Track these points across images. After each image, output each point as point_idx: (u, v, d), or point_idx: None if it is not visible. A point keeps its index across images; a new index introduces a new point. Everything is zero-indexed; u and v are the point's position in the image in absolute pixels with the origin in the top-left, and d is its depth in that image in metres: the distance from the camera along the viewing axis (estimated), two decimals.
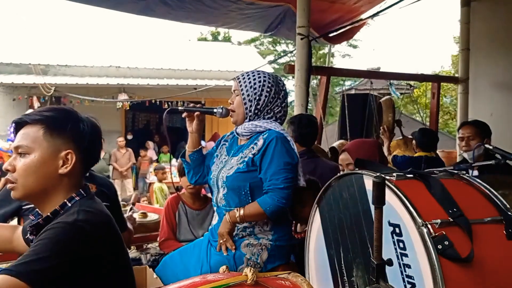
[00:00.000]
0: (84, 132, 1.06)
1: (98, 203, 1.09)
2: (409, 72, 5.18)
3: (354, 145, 2.03)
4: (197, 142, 1.69)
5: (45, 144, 1.02)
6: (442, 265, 1.02)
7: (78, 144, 1.05)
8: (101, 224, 1.02)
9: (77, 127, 1.06)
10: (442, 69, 17.19)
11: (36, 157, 1.01)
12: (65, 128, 1.04)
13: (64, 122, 1.04)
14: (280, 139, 1.50)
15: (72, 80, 8.84)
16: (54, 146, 1.02)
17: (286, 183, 1.46)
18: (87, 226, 0.96)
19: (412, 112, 12.21)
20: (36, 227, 1.02)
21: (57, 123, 1.03)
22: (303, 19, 3.19)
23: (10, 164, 1.02)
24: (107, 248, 1.01)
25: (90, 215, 0.99)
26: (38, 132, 1.02)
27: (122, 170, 8.18)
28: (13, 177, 1.02)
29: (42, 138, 1.02)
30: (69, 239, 0.93)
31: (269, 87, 1.57)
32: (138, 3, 3.85)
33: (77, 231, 0.94)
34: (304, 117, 2.46)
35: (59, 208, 1.03)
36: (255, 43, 18.73)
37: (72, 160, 1.04)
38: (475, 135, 2.47)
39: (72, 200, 1.04)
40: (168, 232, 2.24)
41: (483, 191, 1.23)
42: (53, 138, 1.03)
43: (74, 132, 1.05)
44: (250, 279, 0.98)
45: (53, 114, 1.04)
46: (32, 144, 1.01)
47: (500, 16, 4.54)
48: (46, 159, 1.01)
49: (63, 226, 0.94)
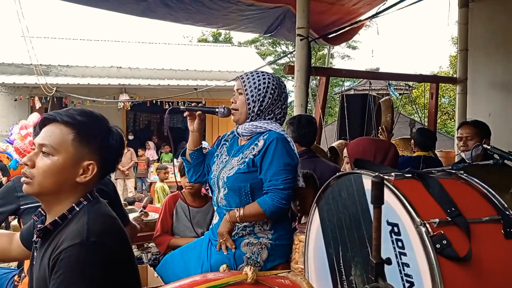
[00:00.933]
0: (112, 147, 1.06)
1: (104, 206, 1.08)
2: (407, 72, 5.18)
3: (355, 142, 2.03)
4: (198, 141, 1.70)
5: (71, 149, 1.00)
6: (440, 264, 1.02)
7: (102, 156, 1.04)
8: (113, 230, 1.02)
9: (106, 140, 1.05)
10: (440, 69, 17.21)
11: (60, 161, 0.99)
12: (95, 139, 1.03)
13: (96, 132, 1.03)
14: (281, 140, 1.51)
15: (73, 81, 8.87)
16: (80, 154, 1.01)
17: (286, 183, 1.47)
18: (103, 239, 0.95)
19: (411, 113, 12.22)
20: (43, 232, 1.02)
21: (89, 132, 1.02)
22: (302, 20, 3.20)
23: (31, 159, 1.00)
24: (123, 253, 1.01)
25: (100, 224, 0.99)
26: (68, 135, 1.00)
27: (124, 169, 8.20)
28: (31, 173, 1.00)
29: (70, 143, 1.00)
30: (92, 262, 0.91)
31: (273, 89, 1.58)
32: (139, 5, 3.85)
33: (96, 249, 0.93)
34: (303, 117, 2.48)
35: (67, 212, 1.02)
36: (255, 44, 18.76)
37: (93, 171, 1.03)
38: (474, 135, 2.45)
39: (80, 205, 1.03)
40: (161, 229, 2.27)
41: (481, 190, 1.24)
42: (81, 146, 1.01)
43: (102, 145, 1.04)
44: (250, 277, 0.99)
45: (86, 121, 1.02)
46: (59, 146, 0.99)
47: (498, 16, 4.55)
48: (68, 165, 1.00)
49: (80, 251, 0.91)
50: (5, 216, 1.79)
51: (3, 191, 1.79)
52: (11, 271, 1.79)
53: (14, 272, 1.76)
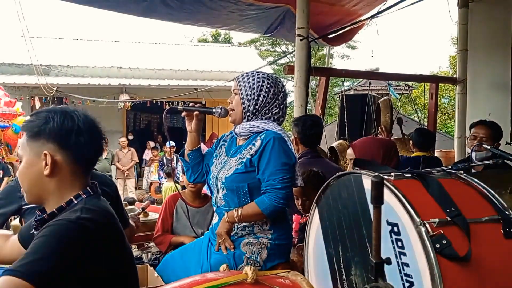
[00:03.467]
0: (67, 129, 1.04)
1: (103, 202, 1.09)
2: (407, 72, 5.18)
3: (360, 142, 2.05)
4: (196, 141, 1.70)
5: (28, 148, 1.05)
6: (440, 264, 1.02)
7: (58, 144, 1.04)
8: (104, 222, 1.02)
9: (58, 125, 1.04)
10: (440, 69, 17.21)
11: (23, 164, 1.06)
12: (43, 131, 1.04)
13: (42, 124, 1.04)
14: (278, 139, 1.50)
15: (73, 81, 8.87)
16: (35, 149, 1.04)
17: (283, 183, 1.47)
18: (90, 224, 0.96)
19: (411, 113, 12.22)
20: (40, 222, 1.03)
21: (36, 127, 1.05)
22: (302, 20, 3.20)
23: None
24: (110, 246, 1.01)
25: (93, 213, 1.00)
26: (24, 138, 1.07)
27: (124, 169, 8.21)
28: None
29: (26, 144, 1.05)
30: (72, 237, 0.92)
31: (267, 87, 1.57)
32: (139, 5, 3.86)
33: (80, 229, 0.94)
34: (308, 118, 2.48)
35: (65, 204, 1.03)
36: (255, 44, 18.77)
37: (51, 160, 1.02)
38: (489, 138, 2.36)
39: (78, 198, 1.05)
40: (161, 228, 2.28)
41: (480, 190, 1.24)
42: (34, 141, 1.05)
43: (52, 132, 1.04)
44: (250, 277, 0.99)
45: (31, 118, 1.08)
46: (22, 151, 1.06)
47: (497, 17, 4.55)
48: (30, 164, 1.05)
49: (65, 224, 0.94)
50: (8, 217, 1.80)
51: (5, 191, 1.80)
52: None
53: None
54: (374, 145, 2.00)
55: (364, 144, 2.02)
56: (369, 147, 1.95)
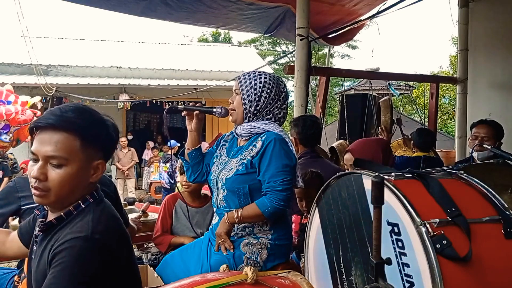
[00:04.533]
0: (113, 140, 1.07)
1: (108, 205, 1.09)
2: (407, 72, 5.18)
3: (357, 145, 2.05)
4: (196, 140, 1.69)
5: (81, 155, 1.00)
6: (440, 264, 1.02)
7: (107, 151, 1.06)
8: (117, 230, 1.03)
9: (109, 137, 1.06)
10: (440, 69, 17.20)
11: (74, 169, 0.99)
12: (99, 139, 1.03)
13: (98, 131, 1.03)
14: (279, 141, 1.50)
15: (73, 81, 8.87)
16: (89, 156, 1.02)
17: (284, 185, 1.46)
18: (106, 237, 0.96)
19: (411, 113, 12.23)
20: (47, 226, 1.02)
21: (93, 134, 1.02)
22: (302, 20, 3.20)
23: (42, 173, 0.98)
24: (123, 253, 1.02)
25: (105, 222, 1.00)
26: (74, 142, 0.99)
27: (124, 169, 8.21)
28: (45, 186, 0.99)
29: (78, 150, 0.99)
30: (92, 258, 0.92)
31: (269, 88, 1.57)
32: (139, 4, 3.85)
33: (98, 245, 0.94)
34: (308, 118, 2.48)
35: (73, 208, 1.02)
36: (255, 43, 18.77)
37: (103, 169, 1.05)
38: (491, 136, 2.34)
39: (85, 202, 1.04)
40: (161, 229, 2.27)
41: (481, 190, 1.24)
42: (89, 149, 1.01)
43: (106, 142, 1.05)
44: (250, 277, 0.98)
45: (86, 122, 1.01)
46: (69, 155, 0.98)
47: (498, 16, 4.55)
48: (81, 171, 1.01)
49: (82, 245, 0.92)
50: (7, 217, 1.79)
51: (4, 191, 1.79)
52: (11, 271, 1.79)
53: (14, 272, 1.76)
54: (373, 147, 1.99)
55: (363, 147, 2.01)
56: (368, 150, 1.95)
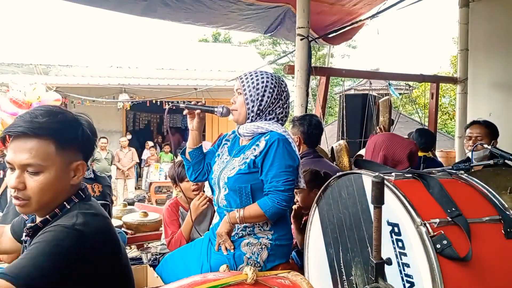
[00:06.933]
0: (91, 140, 1.05)
1: (96, 205, 1.08)
2: (408, 72, 5.18)
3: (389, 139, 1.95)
4: (198, 139, 1.69)
5: (58, 159, 0.97)
6: (440, 264, 1.02)
7: (86, 151, 1.04)
8: (100, 226, 1.01)
9: (86, 136, 1.03)
10: (440, 69, 17.20)
11: (52, 174, 0.96)
12: (75, 140, 1.01)
13: (74, 133, 1.00)
14: (282, 141, 1.49)
15: (73, 80, 8.87)
16: (67, 159, 0.99)
17: (287, 185, 1.46)
18: (86, 230, 0.94)
19: (411, 113, 12.22)
20: (33, 229, 1.01)
21: (68, 136, 0.99)
22: (302, 20, 3.20)
23: (20, 182, 0.96)
24: (106, 250, 0.99)
25: (88, 218, 0.98)
26: (49, 147, 0.96)
27: (125, 169, 8.21)
28: (25, 195, 0.97)
29: (54, 154, 0.96)
30: (68, 243, 0.91)
31: (271, 88, 1.57)
32: (139, 4, 3.86)
33: (76, 234, 0.92)
34: (314, 118, 2.48)
35: (58, 210, 1.01)
36: (255, 43, 18.77)
37: (84, 169, 1.03)
38: (484, 136, 2.37)
39: (70, 202, 1.02)
40: (176, 228, 2.10)
41: (481, 190, 1.24)
42: (65, 151, 0.99)
43: (83, 142, 1.02)
44: (250, 278, 0.98)
45: (60, 126, 0.98)
46: (45, 161, 0.95)
47: (498, 16, 4.54)
48: (60, 174, 0.98)
49: (62, 230, 0.92)
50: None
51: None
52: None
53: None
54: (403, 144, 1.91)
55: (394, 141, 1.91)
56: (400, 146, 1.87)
